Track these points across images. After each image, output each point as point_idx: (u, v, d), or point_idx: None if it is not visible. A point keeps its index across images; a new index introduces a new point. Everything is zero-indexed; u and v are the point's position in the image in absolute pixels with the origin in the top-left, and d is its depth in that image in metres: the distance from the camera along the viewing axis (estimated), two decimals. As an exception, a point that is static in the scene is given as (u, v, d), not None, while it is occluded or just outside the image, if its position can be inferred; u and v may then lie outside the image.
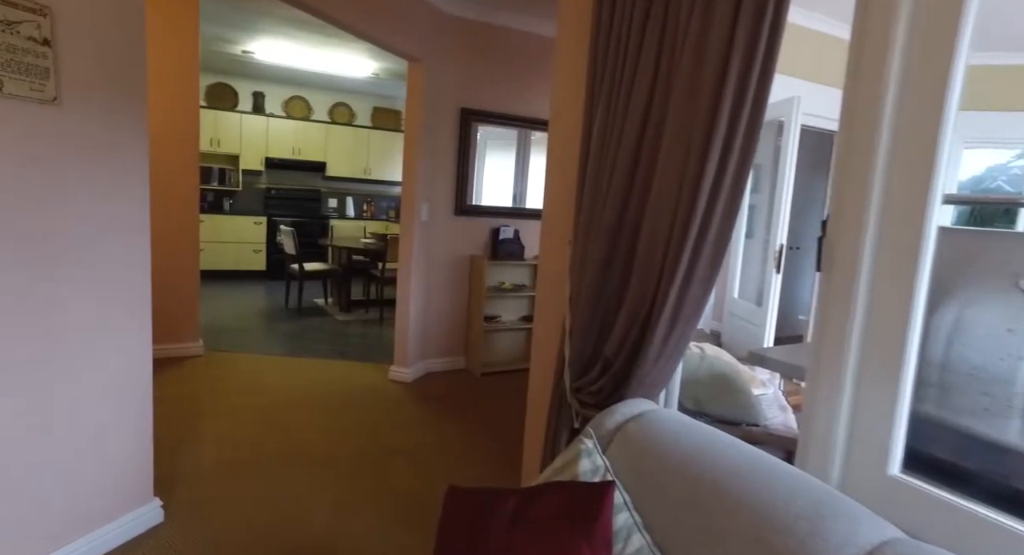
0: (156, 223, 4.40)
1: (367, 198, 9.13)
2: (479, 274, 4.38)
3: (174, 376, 3.97)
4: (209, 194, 8.01)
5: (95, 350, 2.03)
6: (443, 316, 4.45)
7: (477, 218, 4.47)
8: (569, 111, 2.15)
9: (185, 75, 4.17)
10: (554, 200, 2.26)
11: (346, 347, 5.01)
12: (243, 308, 6.24)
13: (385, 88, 8.10)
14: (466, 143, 4.32)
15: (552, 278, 2.26)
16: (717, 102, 1.39)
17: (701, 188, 1.42)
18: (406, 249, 4.14)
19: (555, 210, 2.25)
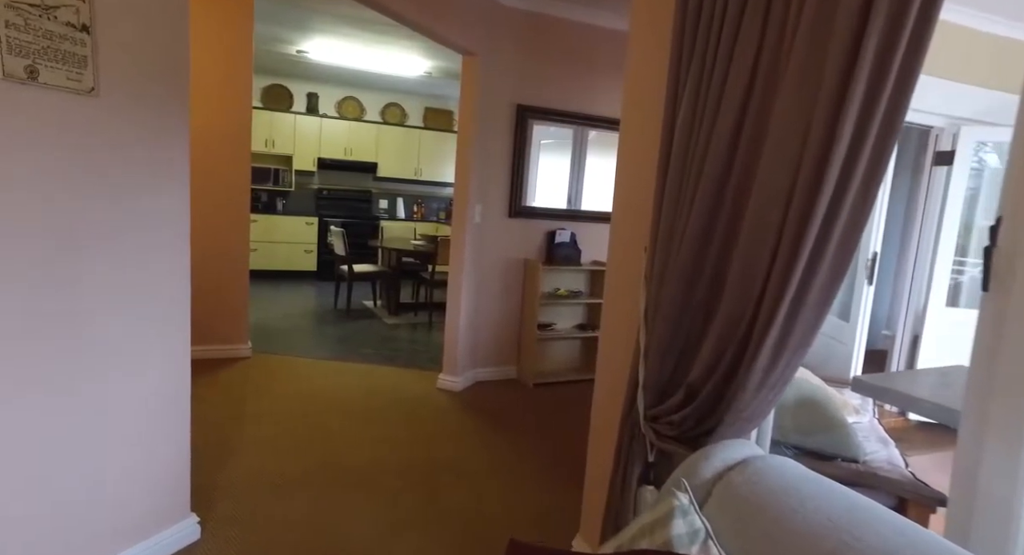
0: (206, 224, 4.41)
1: (417, 199, 9.06)
2: (533, 279, 4.17)
3: (221, 378, 3.91)
4: (263, 194, 8.07)
5: (130, 359, 1.91)
6: (494, 323, 4.26)
7: (532, 220, 4.26)
8: (644, 107, 1.92)
9: (239, 75, 4.11)
10: (625, 202, 2.02)
11: (394, 352, 4.87)
12: (293, 309, 6.21)
13: (437, 87, 7.99)
14: (521, 141, 4.12)
15: (621, 287, 2.02)
16: (840, 101, 1.13)
17: (817, 202, 1.16)
18: (457, 252, 3.96)
19: (626, 213, 2.01)
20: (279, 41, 6.04)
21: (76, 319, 1.74)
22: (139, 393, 1.95)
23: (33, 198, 1.61)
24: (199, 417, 3.23)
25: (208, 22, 3.97)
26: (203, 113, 4.05)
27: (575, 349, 4.54)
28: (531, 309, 4.19)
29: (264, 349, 4.64)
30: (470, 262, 3.99)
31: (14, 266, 1.59)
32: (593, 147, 4.53)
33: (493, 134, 4.01)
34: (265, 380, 3.95)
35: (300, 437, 3.11)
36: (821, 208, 1.17)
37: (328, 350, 4.78)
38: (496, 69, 3.93)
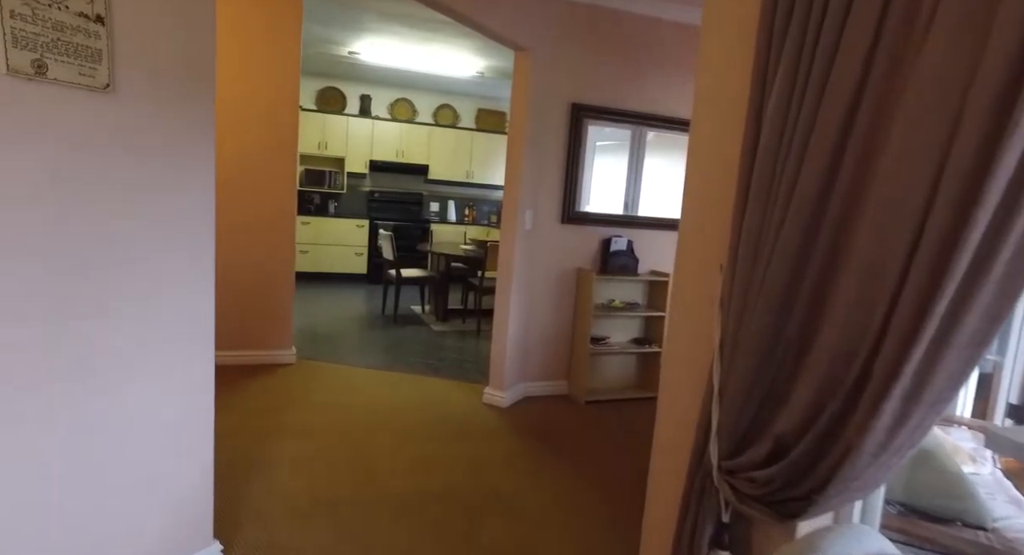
0: (251, 227, 4.33)
1: (468, 202, 8.91)
2: (586, 289, 3.90)
3: (262, 386, 3.81)
4: (315, 196, 8.09)
5: (147, 373, 1.76)
6: (544, 335, 4.01)
7: (586, 227, 3.99)
8: (720, 106, 1.64)
9: (286, 76, 4.02)
10: (696, 212, 1.74)
11: (440, 362, 4.69)
12: (340, 313, 6.14)
13: (490, 88, 7.82)
14: (576, 142, 3.86)
15: (689, 312, 1.75)
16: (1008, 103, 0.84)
17: (973, 217, 0.88)
18: (506, 260, 3.74)
19: (697, 224, 1.73)
20: (331, 43, 5.99)
21: (88, 331, 1.60)
22: (157, 409, 1.80)
23: (40, 204, 1.48)
24: (233, 428, 3.13)
25: (256, 23, 3.89)
26: (250, 115, 3.98)
27: (630, 365, 4.25)
28: (584, 321, 3.93)
29: (309, 355, 4.54)
30: (519, 270, 3.76)
31: (17, 277, 1.45)
32: (652, 149, 4.23)
33: (546, 135, 3.78)
34: (306, 389, 3.83)
35: (337, 455, 2.95)
36: (978, 223, 0.88)
37: (373, 358, 4.65)
38: (550, 66, 3.69)
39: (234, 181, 4.01)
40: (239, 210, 4.06)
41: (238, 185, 4.03)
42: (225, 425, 3.16)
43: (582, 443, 3.36)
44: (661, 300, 4.04)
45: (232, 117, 3.95)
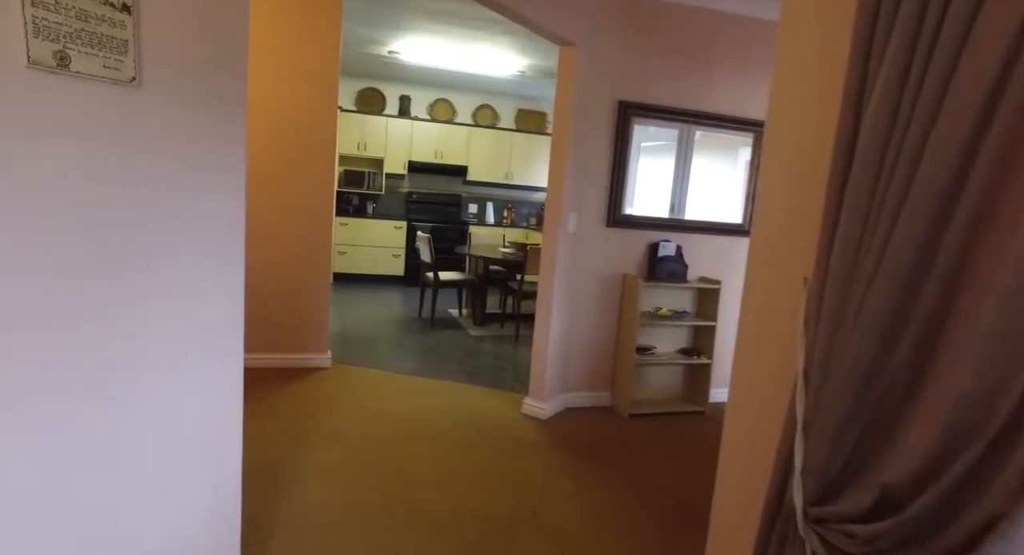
0: (287, 228, 4.25)
1: (507, 204, 8.78)
2: (632, 296, 3.71)
3: (296, 391, 3.73)
4: (354, 197, 8.07)
5: (171, 381, 1.66)
6: (587, 343, 3.83)
7: (632, 231, 3.80)
8: (806, 104, 1.45)
9: (326, 76, 3.95)
10: (773, 218, 1.55)
11: (477, 368, 4.56)
12: (377, 315, 6.07)
13: (530, 88, 7.67)
14: (623, 142, 3.68)
15: (763, 331, 1.55)
16: None
17: None
18: (548, 264, 3.58)
19: (774, 232, 1.54)
20: (371, 42, 5.93)
21: (110, 336, 1.50)
22: (182, 418, 1.70)
23: (61, 203, 1.38)
24: (265, 435, 3.04)
25: (295, 22, 3.83)
26: (288, 116, 3.91)
27: (676, 376, 4.04)
28: (629, 330, 3.74)
29: (344, 359, 4.46)
30: (562, 276, 3.59)
31: (34, 281, 1.36)
32: (700, 149, 4.01)
33: (591, 134, 3.60)
34: (341, 395, 3.73)
35: (370, 466, 2.84)
36: None
37: (409, 363, 4.54)
38: (596, 61, 3.51)
39: (271, 182, 3.95)
40: (276, 211, 4.00)
41: (275, 186, 3.97)
42: (256, 430, 3.08)
43: (627, 460, 3.17)
44: (711, 309, 3.82)
45: (270, 117, 3.89)
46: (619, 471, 3.02)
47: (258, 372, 3.99)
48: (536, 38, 5.19)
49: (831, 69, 1.34)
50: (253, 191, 3.97)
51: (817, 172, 1.34)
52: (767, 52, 3.81)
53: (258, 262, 4.01)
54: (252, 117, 3.83)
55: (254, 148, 3.89)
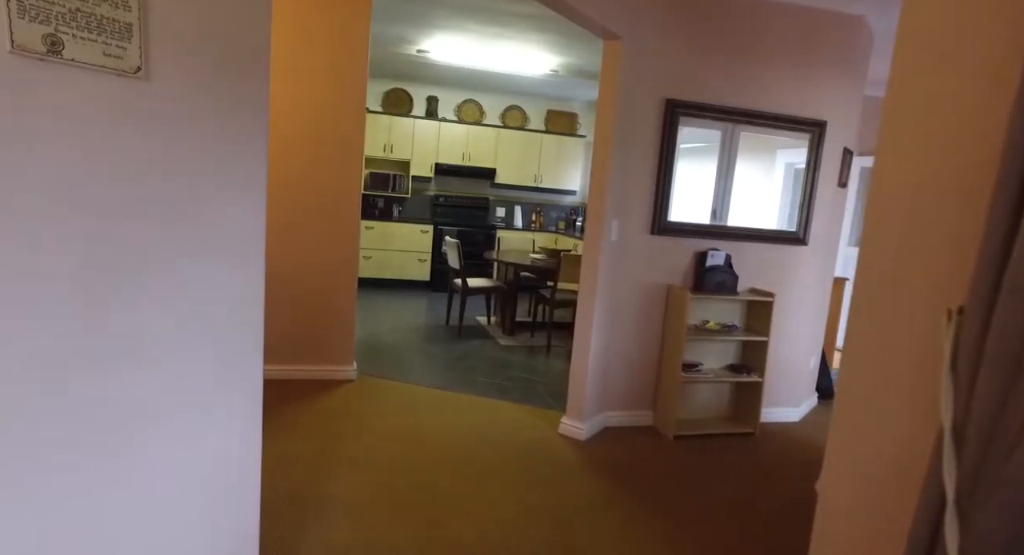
0: (312, 235, 4.04)
1: (536, 208, 8.55)
2: (678, 309, 3.45)
3: (319, 406, 3.54)
4: (380, 200, 7.91)
5: (182, 401, 1.46)
6: (628, 359, 3.58)
7: (677, 239, 3.54)
8: (937, 96, 1.19)
9: (353, 77, 3.76)
10: (894, 230, 1.29)
11: (509, 382, 4.33)
12: (404, 322, 5.87)
13: (562, 88, 7.43)
14: (669, 143, 3.42)
15: (877, 366, 1.29)
16: None
17: None
18: (589, 275, 3.33)
19: (890, 249, 1.28)
20: (400, 41, 5.75)
21: (112, 352, 1.31)
22: (192, 447, 1.50)
23: (54, 212, 1.19)
24: (284, 456, 2.84)
25: (322, 19, 3.65)
26: (313, 117, 3.74)
27: (724, 395, 3.76)
28: (674, 344, 3.47)
29: (370, 370, 4.27)
30: (603, 286, 3.34)
31: (26, 297, 1.17)
32: (744, 151, 3.73)
33: (635, 135, 3.35)
34: (366, 411, 3.53)
35: (398, 495, 2.62)
36: None
37: (438, 375, 4.33)
38: (643, 56, 3.27)
39: (294, 185, 3.78)
40: (299, 215, 3.82)
41: (299, 190, 3.79)
42: (275, 452, 2.89)
43: (676, 488, 2.91)
44: (762, 323, 3.54)
45: (294, 118, 3.71)
46: (668, 502, 2.76)
47: (280, 385, 3.81)
48: (570, 35, 4.96)
49: (978, 59, 1.08)
50: (276, 195, 3.82)
51: (966, 177, 1.08)
52: (829, 43, 3.53)
53: (281, 269, 3.84)
54: (276, 118, 3.66)
55: (278, 151, 3.72)
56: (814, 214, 3.67)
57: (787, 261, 3.70)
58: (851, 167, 4.02)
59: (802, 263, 3.74)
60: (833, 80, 3.58)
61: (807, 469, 3.23)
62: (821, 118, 3.58)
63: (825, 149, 3.60)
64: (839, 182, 3.78)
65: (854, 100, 3.74)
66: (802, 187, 3.67)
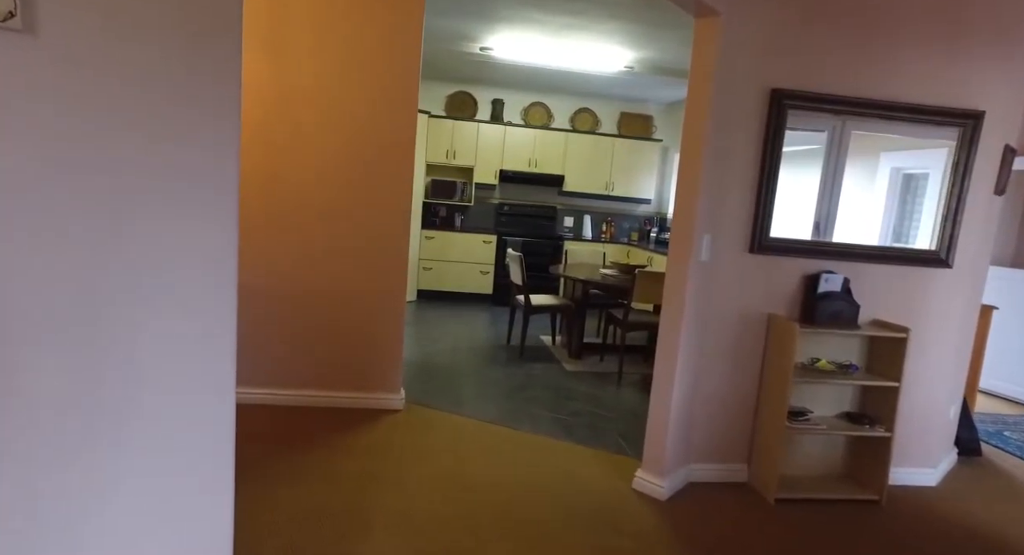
0: (357, 251, 3.41)
1: (607, 217, 7.97)
2: (782, 343, 2.83)
3: (359, 442, 3.13)
4: (441, 209, 7.57)
5: (125, 438, 1.04)
6: (719, 401, 2.98)
7: (782, 258, 2.92)
8: None
9: (405, 79, 3.37)
10: None
11: (573, 417, 3.80)
12: (461, 340, 5.45)
13: (636, 88, 6.85)
14: (774, 142, 2.82)
15: None
16: None
17: None
18: (674, 300, 2.77)
19: None
20: (461, 38, 5.35)
21: (26, 381, 0.90)
22: (137, 502, 1.07)
23: None
24: (309, 508, 2.37)
25: (370, 13, 3.27)
26: (356, 121, 3.36)
27: (839, 450, 3.09)
28: (776, 386, 2.85)
29: (420, 397, 3.85)
30: (691, 315, 2.77)
31: None
32: (856, 151, 3.05)
33: (732, 133, 2.77)
34: (410, 451, 3.09)
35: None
36: None
37: (493, 406, 3.85)
38: (745, 35, 2.69)
39: (335, 196, 3.42)
40: (341, 226, 3.45)
41: (341, 198, 3.42)
42: (298, 502, 2.48)
43: (784, 578, 2.30)
44: (891, 364, 2.86)
45: (333, 121, 3.35)
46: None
47: (316, 414, 3.44)
48: (649, 23, 4.41)
49: None
50: (310, 202, 3.45)
51: None
52: (985, 13, 2.82)
53: (319, 286, 3.48)
54: (312, 119, 3.31)
55: (314, 158, 3.37)
56: (961, 229, 2.95)
57: (924, 287, 3.00)
58: (1011, 169, 3.23)
59: (944, 290, 3.02)
60: (991, 61, 2.86)
61: (950, 549, 2.54)
62: (976, 108, 2.86)
63: (980, 147, 2.88)
64: (996, 189, 3.04)
65: (1018, 84, 2.97)
66: (946, 196, 2.96)
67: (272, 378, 3.53)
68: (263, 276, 3.44)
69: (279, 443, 3.05)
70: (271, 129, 3.33)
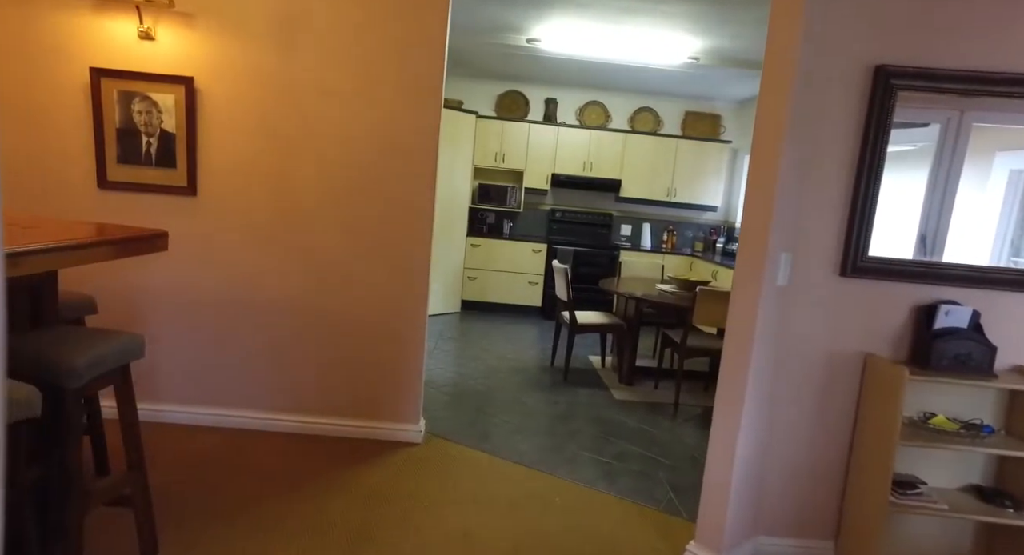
0: (370, 265, 2.94)
1: (668, 226, 7.32)
2: (884, 392, 2.20)
3: (364, 482, 2.70)
4: (489, 215, 7.14)
5: None
6: (796, 462, 2.38)
7: (883, 283, 2.29)
8: None
9: (424, 61, 2.94)
10: None
11: (618, 460, 3.25)
12: (501, 359, 4.97)
13: (703, 83, 6.20)
14: (878, 134, 2.20)
15: None
16: None
17: None
18: (741, 332, 2.20)
19: None
20: (507, 30, 4.90)
21: None
22: None
23: None
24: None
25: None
26: (372, 124, 2.95)
27: (965, 535, 2.40)
28: (876, 447, 2.22)
29: (443, 428, 3.40)
30: (762, 351, 2.19)
31: None
32: (921, 157, 2.37)
33: (818, 125, 2.18)
34: (422, 498, 2.63)
35: None
36: None
37: (525, 443, 3.35)
38: (839, 1, 2.10)
39: (340, 201, 3.02)
40: (352, 244, 3.05)
41: (348, 205, 3.02)
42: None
43: None
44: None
45: (347, 119, 2.95)
46: None
47: (322, 444, 3.04)
48: (717, 2, 3.81)
49: None
50: (314, 214, 3.05)
51: None
52: None
53: (326, 302, 3.09)
54: (324, 116, 2.92)
55: (324, 160, 2.98)
56: None
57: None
58: None
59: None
60: None
61: None
62: None
63: None
64: None
65: None
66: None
67: (275, 403, 3.16)
68: (266, 289, 3.09)
69: (271, 479, 2.66)
70: (278, 126, 2.98)
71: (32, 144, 2.97)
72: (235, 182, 3.03)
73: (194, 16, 2.92)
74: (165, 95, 2.98)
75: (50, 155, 2.99)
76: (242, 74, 2.95)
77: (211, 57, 2.94)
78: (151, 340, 3.12)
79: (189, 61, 2.94)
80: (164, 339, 3.13)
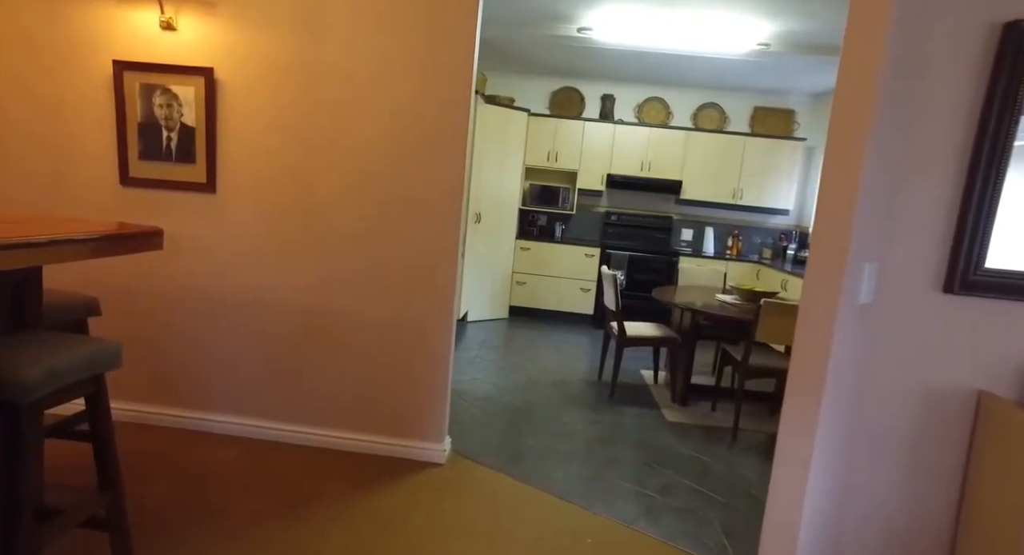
0: (392, 270, 2.61)
1: (733, 231, 6.79)
2: (1005, 441, 1.74)
3: (377, 507, 2.43)
4: (540, 217, 6.83)
5: None
6: (889, 522, 1.94)
7: (1004, 302, 1.82)
8: None
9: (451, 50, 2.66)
10: None
11: (664, 494, 2.86)
12: (545, 370, 4.64)
13: (774, 74, 5.68)
14: (1004, 115, 1.74)
15: None
16: None
17: None
18: (812, 357, 1.79)
19: None
20: (556, 18, 4.58)
21: None
22: None
23: None
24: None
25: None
26: (397, 116, 2.70)
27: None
28: (996, 507, 1.76)
29: (471, 448, 3.11)
30: (839, 385, 1.78)
31: None
32: None
33: (915, 104, 1.75)
34: (436, 532, 2.34)
35: None
36: None
37: (560, 470, 3.01)
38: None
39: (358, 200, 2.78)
40: (369, 239, 2.81)
41: (366, 207, 2.78)
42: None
43: None
44: None
45: (367, 112, 2.72)
46: None
47: (338, 460, 2.80)
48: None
49: None
50: (336, 213, 2.82)
51: None
52: None
53: (345, 307, 2.86)
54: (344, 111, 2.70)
55: (347, 157, 2.75)
56: None
57: None
58: None
59: None
60: None
61: None
62: None
63: None
64: None
65: None
66: None
67: (295, 414, 2.96)
68: (283, 292, 2.89)
69: (279, 498, 2.44)
70: (299, 119, 2.78)
71: (59, 139, 2.89)
72: (254, 179, 2.85)
73: (215, 4, 2.76)
74: (186, 87, 2.84)
75: (74, 152, 2.90)
76: (262, 64, 2.77)
77: (232, 47, 2.78)
78: (165, 344, 2.98)
79: (210, 51, 2.79)
80: (182, 342, 2.98)
